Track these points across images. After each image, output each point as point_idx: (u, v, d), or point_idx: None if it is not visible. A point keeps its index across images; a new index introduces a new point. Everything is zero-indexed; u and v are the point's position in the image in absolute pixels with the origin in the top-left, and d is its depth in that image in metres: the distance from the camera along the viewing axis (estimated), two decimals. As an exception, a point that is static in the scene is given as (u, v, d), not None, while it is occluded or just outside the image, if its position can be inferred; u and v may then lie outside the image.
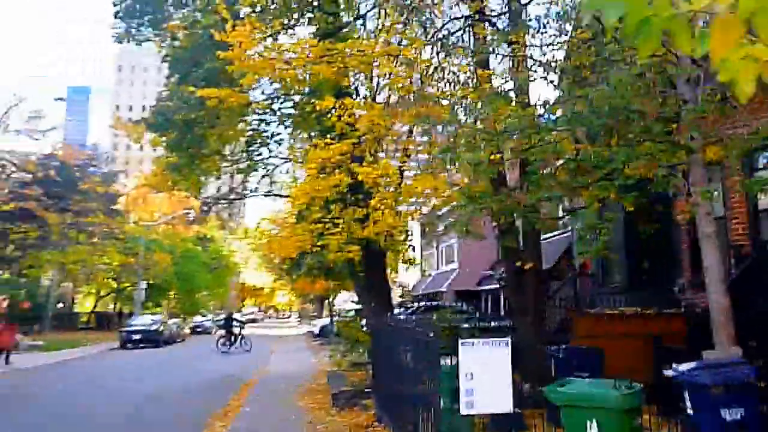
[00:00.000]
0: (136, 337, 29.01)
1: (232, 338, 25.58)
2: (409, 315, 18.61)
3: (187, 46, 12.95)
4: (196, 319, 47.94)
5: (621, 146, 6.07)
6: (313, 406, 10.53)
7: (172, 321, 35.95)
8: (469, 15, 10.49)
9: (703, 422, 4.89)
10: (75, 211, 36.29)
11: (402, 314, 18.84)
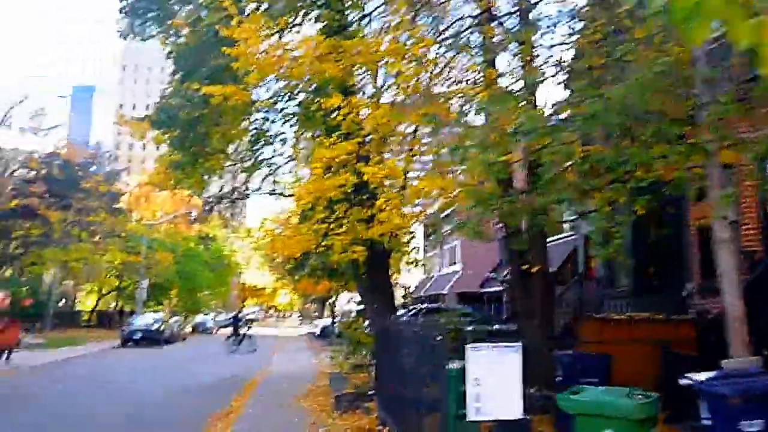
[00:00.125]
0: (137, 336, 28.86)
1: (239, 338, 25.42)
2: (411, 317, 18.45)
3: (192, 44, 12.82)
4: (198, 318, 47.94)
5: (636, 148, 5.93)
6: (315, 408, 10.44)
7: (173, 320, 35.83)
8: (478, 14, 10.37)
9: (721, 433, 4.74)
10: (77, 209, 36.21)
11: (404, 316, 18.67)
